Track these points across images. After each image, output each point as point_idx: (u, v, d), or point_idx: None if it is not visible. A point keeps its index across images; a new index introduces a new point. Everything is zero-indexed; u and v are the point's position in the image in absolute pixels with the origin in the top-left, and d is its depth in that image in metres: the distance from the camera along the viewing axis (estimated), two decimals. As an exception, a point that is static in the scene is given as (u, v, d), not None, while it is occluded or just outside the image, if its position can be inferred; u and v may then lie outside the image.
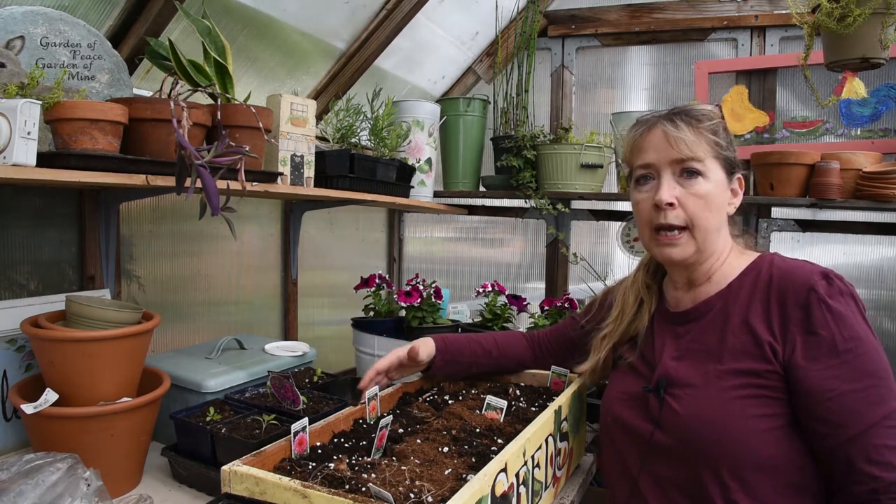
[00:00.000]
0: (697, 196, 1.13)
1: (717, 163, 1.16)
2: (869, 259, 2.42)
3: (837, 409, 0.99)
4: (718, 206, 1.16)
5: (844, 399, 0.99)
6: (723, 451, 1.04)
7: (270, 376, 1.47)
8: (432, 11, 2.45)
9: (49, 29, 1.41)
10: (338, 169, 1.99)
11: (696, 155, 1.13)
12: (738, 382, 1.06)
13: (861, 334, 1.01)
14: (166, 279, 1.96)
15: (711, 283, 1.19)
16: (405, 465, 1.03)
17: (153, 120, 1.36)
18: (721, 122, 1.19)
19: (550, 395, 1.50)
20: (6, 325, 1.41)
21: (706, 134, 1.15)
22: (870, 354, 1.00)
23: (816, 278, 1.05)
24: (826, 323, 1.02)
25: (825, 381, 1.00)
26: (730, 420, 1.04)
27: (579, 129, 2.75)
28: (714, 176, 1.15)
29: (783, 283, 1.08)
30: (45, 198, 1.62)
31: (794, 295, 1.06)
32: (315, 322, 2.60)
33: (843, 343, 1.00)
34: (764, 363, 1.05)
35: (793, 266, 1.11)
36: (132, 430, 1.30)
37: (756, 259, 1.18)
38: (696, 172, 1.14)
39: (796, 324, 1.04)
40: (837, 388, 0.99)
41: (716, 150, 1.15)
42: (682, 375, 1.13)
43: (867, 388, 0.99)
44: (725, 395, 1.06)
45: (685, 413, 1.09)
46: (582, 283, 2.75)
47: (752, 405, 1.04)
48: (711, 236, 1.16)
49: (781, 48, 2.49)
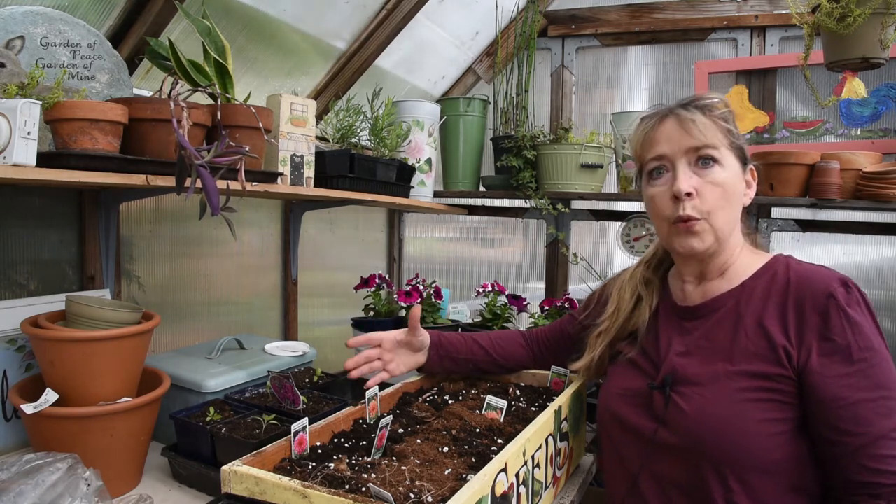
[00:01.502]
0: (715, 184, 1.10)
1: (731, 151, 1.13)
2: (869, 259, 2.42)
3: (849, 418, 0.99)
4: (735, 196, 1.13)
5: (857, 408, 0.98)
6: (729, 453, 1.03)
7: (270, 376, 1.47)
8: (432, 11, 2.45)
9: (49, 29, 1.41)
10: (338, 169, 1.99)
11: (712, 142, 1.10)
12: (749, 385, 1.04)
13: (875, 345, 1.01)
14: (166, 279, 1.96)
15: (724, 279, 1.16)
16: (405, 465, 1.03)
17: (153, 120, 1.36)
18: (731, 111, 1.17)
19: (550, 395, 1.50)
20: (6, 325, 1.41)
21: (719, 122, 1.12)
22: (882, 366, 1.00)
23: (836, 285, 1.04)
24: (843, 331, 1.01)
25: (839, 389, 0.99)
26: (739, 422, 1.03)
27: (579, 129, 2.75)
28: (730, 164, 1.12)
29: (801, 288, 1.07)
30: (45, 198, 1.62)
31: (812, 300, 1.04)
32: (315, 322, 2.60)
33: (858, 352, 1.00)
34: (777, 367, 1.04)
35: (811, 271, 1.09)
36: (132, 430, 1.30)
37: (770, 260, 1.15)
38: (713, 160, 1.10)
39: (813, 330, 1.03)
40: (851, 397, 0.99)
41: (729, 139, 1.13)
42: (690, 373, 1.11)
43: (878, 399, 0.98)
44: (735, 396, 1.05)
45: (693, 412, 1.07)
46: (582, 283, 2.75)
47: (763, 408, 1.03)
48: (729, 227, 1.14)
49: (781, 48, 2.49)
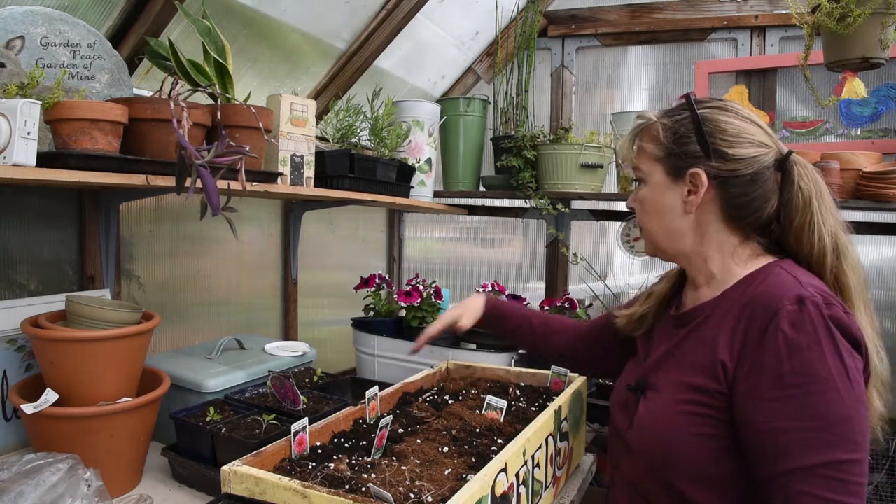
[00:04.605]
0: (638, 201, 1.17)
1: (657, 165, 1.12)
2: (869, 259, 2.42)
3: (768, 443, 0.92)
4: (659, 208, 1.12)
5: (777, 435, 0.91)
6: (664, 462, 1.03)
7: (271, 376, 1.47)
8: (432, 11, 2.45)
9: (49, 29, 1.41)
10: (338, 169, 1.99)
11: (635, 163, 1.17)
12: (687, 397, 1.03)
13: (820, 373, 0.89)
14: (166, 279, 1.96)
15: (710, 287, 1.13)
16: (405, 465, 1.03)
17: (153, 120, 1.36)
18: (672, 122, 1.10)
19: (550, 395, 1.50)
20: (6, 325, 1.41)
21: (643, 143, 1.15)
22: (825, 395, 0.89)
23: (786, 302, 0.94)
24: (777, 352, 0.92)
25: (760, 413, 0.93)
26: (672, 433, 1.02)
27: (579, 129, 2.75)
28: (654, 179, 1.13)
29: (757, 301, 0.99)
30: (45, 198, 1.62)
31: (760, 317, 0.97)
32: (315, 322, 2.60)
33: (790, 376, 0.91)
34: (713, 382, 1.00)
35: (778, 284, 1.00)
36: (132, 430, 1.30)
37: (759, 269, 1.07)
38: (640, 179, 1.17)
39: (751, 346, 0.96)
40: (770, 423, 0.92)
41: (655, 154, 1.12)
42: (655, 380, 1.12)
43: (807, 430, 0.89)
44: (674, 407, 1.04)
45: (643, 417, 1.09)
46: (582, 283, 2.75)
47: (695, 423, 1.00)
48: (663, 238, 1.14)
49: (781, 48, 2.49)
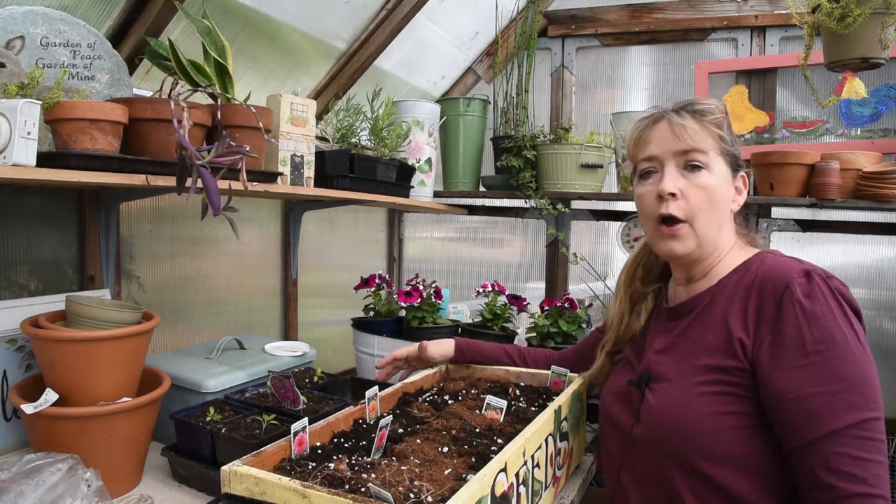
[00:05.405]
0: (700, 188, 1.12)
1: (720, 158, 1.14)
2: (869, 259, 2.42)
3: (798, 412, 0.95)
4: (721, 201, 1.14)
5: (806, 402, 0.95)
6: (686, 445, 1.04)
7: (270, 376, 1.47)
8: (432, 11, 2.45)
9: (49, 29, 1.41)
10: (338, 169, 1.99)
11: (700, 147, 1.12)
12: (707, 378, 1.05)
13: (837, 338, 0.96)
14: (166, 279, 1.96)
15: (707, 279, 1.18)
16: (405, 465, 1.03)
17: (153, 120, 1.36)
18: (725, 117, 1.17)
19: (550, 395, 1.50)
20: (6, 325, 1.41)
21: (710, 127, 1.13)
22: (845, 359, 0.95)
23: (795, 276, 1.02)
24: (797, 322, 0.98)
25: (788, 382, 0.97)
26: (695, 415, 1.04)
27: (579, 129, 2.75)
28: (718, 170, 1.13)
29: (764, 280, 1.06)
30: (45, 198, 1.62)
31: (772, 292, 1.03)
32: (315, 322, 2.60)
33: (812, 344, 0.96)
34: (733, 359, 1.03)
35: (779, 263, 1.07)
36: (132, 430, 1.30)
37: (751, 257, 1.15)
38: (700, 165, 1.12)
39: (768, 321, 1.02)
40: (800, 390, 0.96)
41: (720, 145, 1.14)
42: (661, 369, 1.14)
43: (835, 393, 0.94)
44: (693, 390, 1.06)
45: (657, 406, 1.10)
46: (582, 283, 2.75)
47: (719, 402, 1.03)
48: (712, 232, 1.14)
49: (781, 48, 2.49)
